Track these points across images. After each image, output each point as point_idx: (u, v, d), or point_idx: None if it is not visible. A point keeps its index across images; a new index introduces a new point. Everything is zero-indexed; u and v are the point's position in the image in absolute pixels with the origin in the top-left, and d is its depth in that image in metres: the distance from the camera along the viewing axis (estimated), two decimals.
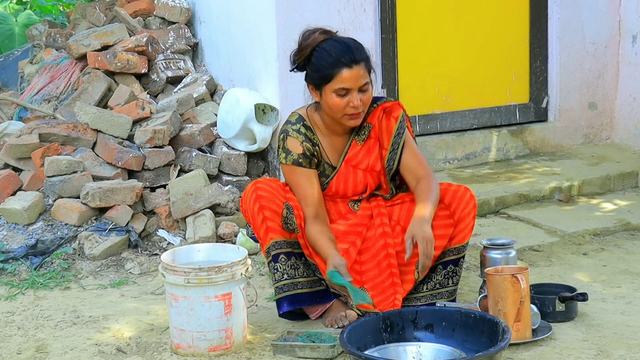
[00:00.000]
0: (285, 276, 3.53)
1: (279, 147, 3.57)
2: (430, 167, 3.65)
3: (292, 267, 3.54)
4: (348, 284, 3.27)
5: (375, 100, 3.64)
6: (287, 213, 3.49)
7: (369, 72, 3.47)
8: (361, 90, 3.44)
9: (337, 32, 3.54)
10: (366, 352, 3.03)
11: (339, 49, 3.42)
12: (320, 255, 3.46)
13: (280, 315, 3.59)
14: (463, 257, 3.58)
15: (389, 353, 3.09)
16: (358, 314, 3.50)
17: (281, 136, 3.57)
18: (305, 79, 3.53)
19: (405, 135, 3.62)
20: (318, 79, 3.46)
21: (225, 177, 4.91)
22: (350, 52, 3.42)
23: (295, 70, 3.55)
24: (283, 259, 3.53)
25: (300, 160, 3.53)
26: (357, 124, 3.53)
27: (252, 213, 3.51)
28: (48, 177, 4.64)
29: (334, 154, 3.62)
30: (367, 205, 3.65)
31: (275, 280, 3.54)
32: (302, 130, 3.55)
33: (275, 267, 3.53)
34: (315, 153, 3.57)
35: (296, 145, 3.53)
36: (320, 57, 3.44)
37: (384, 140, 3.61)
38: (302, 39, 3.50)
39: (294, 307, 3.54)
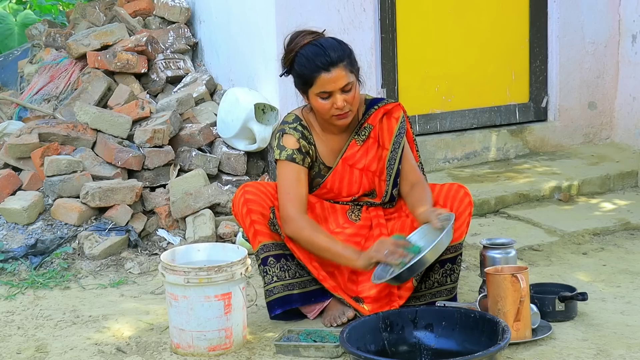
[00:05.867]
0: (275, 278, 3.53)
1: (274, 146, 3.57)
2: (421, 173, 3.66)
3: (282, 269, 3.54)
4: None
5: (377, 102, 3.63)
6: (272, 217, 3.50)
7: (352, 72, 3.44)
8: (344, 90, 3.42)
9: (324, 31, 3.52)
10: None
11: (315, 53, 3.40)
12: (336, 258, 3.42)
13: (271, 318, 3.58)
14: (460, 254, 3.58)
15: None
16: (356, 312, 3.50)
17: (277, 134, 3.57)
18: (294, 84, 3.54)
19: (404, 139, 3.62)
20: (301, 84, 3.48)
21: (225, 177, 4.91)
22: (326, 56, 3.39)
23: (285, 75, 3.56)
24: (272, 262, 3.53)
25: (294, 156, 3.51)
26: (346, 123, 3.51)
27: (241, 216, 3.53)
28: (48, 176, 4.64)
29: (330, 155, 3.61)
30: (367, 216, 3.64)
31: (266, 283, 3.55)
32: (299, 128, 3.55)
33: (265, 269, 3.53)
34: (310, 152, 3.56)
35: (292, 142, 3.52)
36: (300, 63, 3.44)
37: (384, 141, 3.60)
38: (287, 43, 3.50)
39: (285, 309, 3.54)
